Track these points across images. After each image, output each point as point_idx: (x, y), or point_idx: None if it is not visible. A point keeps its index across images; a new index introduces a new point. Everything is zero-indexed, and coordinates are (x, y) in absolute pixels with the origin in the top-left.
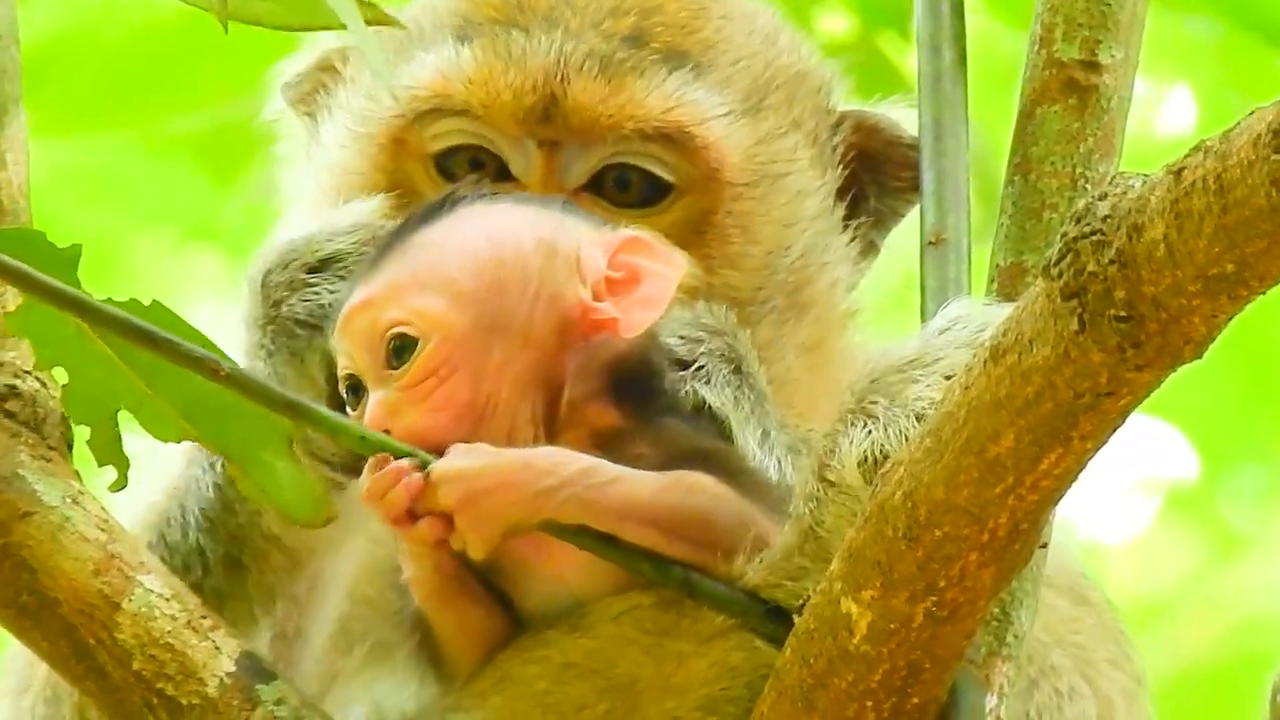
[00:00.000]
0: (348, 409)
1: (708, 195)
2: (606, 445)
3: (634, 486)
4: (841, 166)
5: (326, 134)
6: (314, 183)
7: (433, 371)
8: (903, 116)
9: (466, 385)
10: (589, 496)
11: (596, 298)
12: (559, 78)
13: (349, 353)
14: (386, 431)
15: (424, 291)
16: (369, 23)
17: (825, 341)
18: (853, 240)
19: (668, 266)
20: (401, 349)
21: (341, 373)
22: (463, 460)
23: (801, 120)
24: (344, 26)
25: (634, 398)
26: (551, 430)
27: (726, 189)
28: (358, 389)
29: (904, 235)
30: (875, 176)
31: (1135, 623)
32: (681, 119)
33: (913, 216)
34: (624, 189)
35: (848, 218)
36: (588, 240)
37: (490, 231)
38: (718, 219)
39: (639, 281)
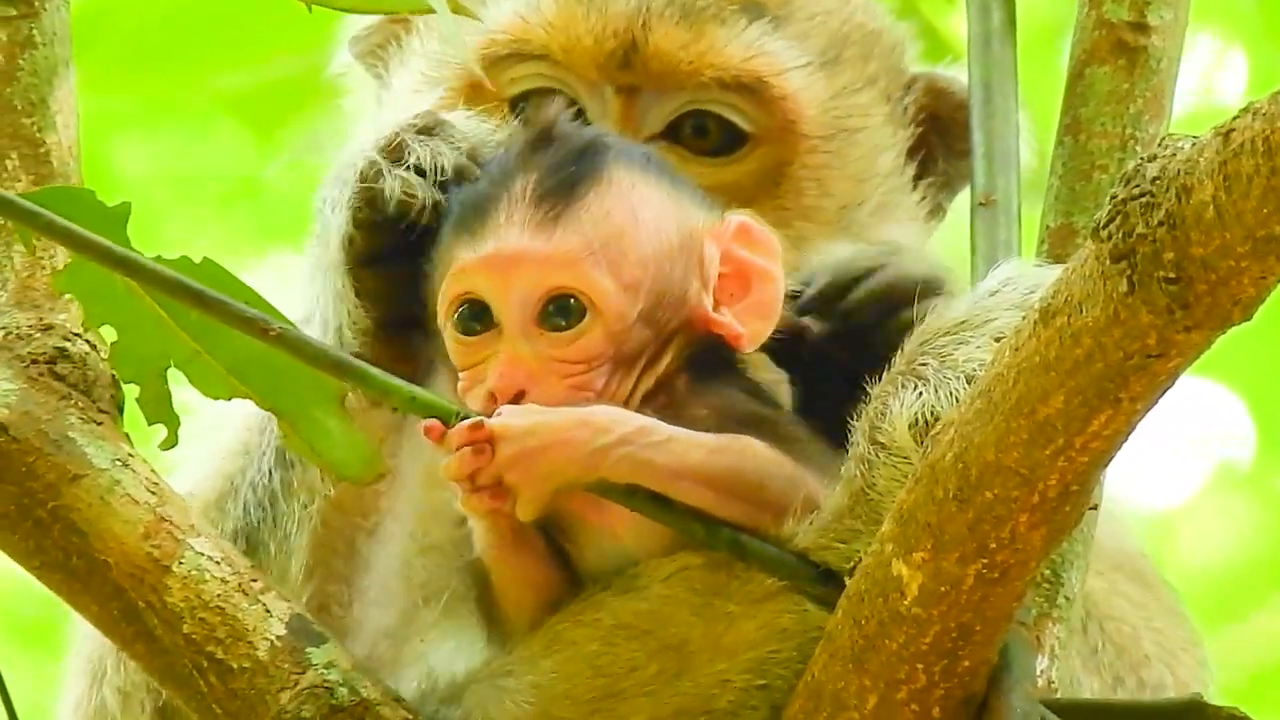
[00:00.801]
0: (452, 331)
1: (784, 146)
2: (669, 405)
3: (688, 446)
4: (913, 126)
5: (399, 82)
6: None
7: (593, 355)
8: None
9: (607, 371)
10: (644, 455)
11: (716, 302)
12: (640, 23)
13: (491, 288)
14: (520, 394)
15: (603, 269)
16: (451, 10)
17: None
18: (922, 200)
19: (772, 260)
20: (562, 313)
21: (456, 296)
22: (517, 419)
23: (876, 77)
24: (427, 9)
25: (700, 362)
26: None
27: (802, 141)
28: (480, 316)
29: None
30: (944, 139)
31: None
32: (760, 69)
33: None
34: (701, 136)
35: (917, 178)
36: (707, 233)
37: (654, 219)
38: (793, 171)
39: (749, 282)
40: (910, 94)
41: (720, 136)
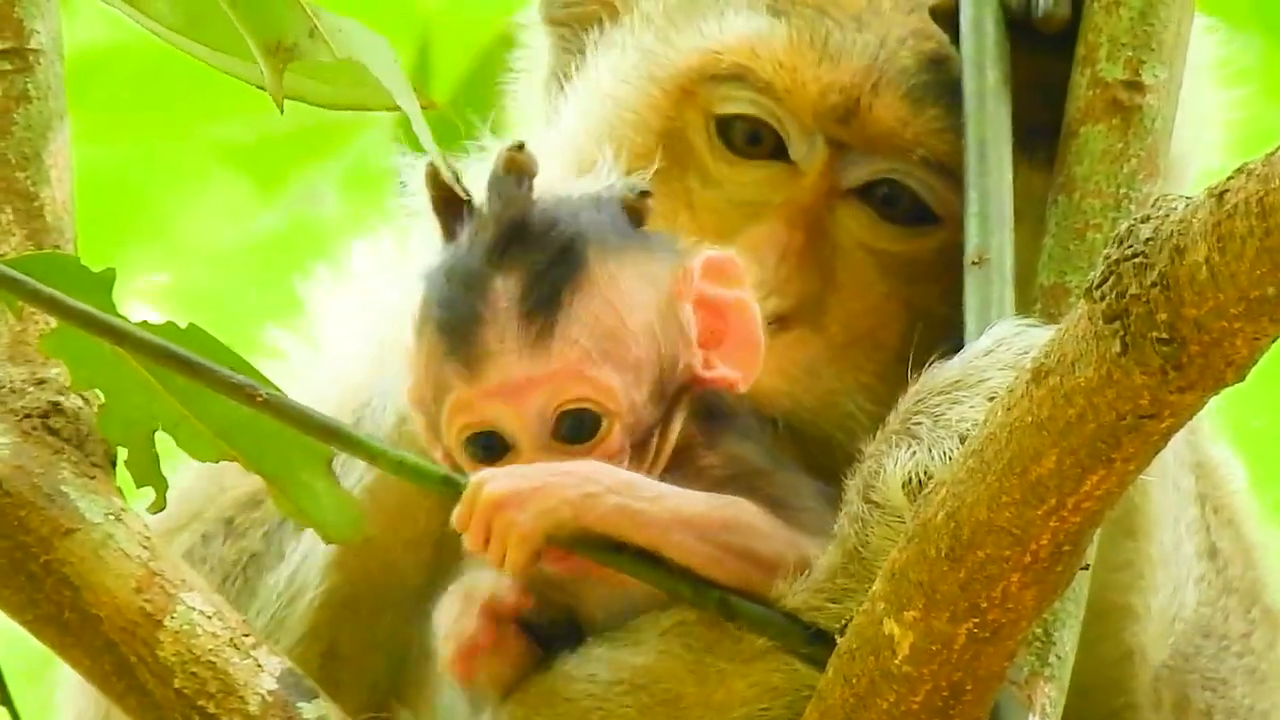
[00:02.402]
0: (466, 459)
1: (961, 233)
2: (687, 459)
3: (680, 500)
4: None
5: (604, 64)
6: (575, 107)
7: (614, 454)
8: None
9: (628, 459)
10: (635, 506)
11: (703, 350)
12: (869, 87)
13: (501, 416)
14: None
15: (608, 371)
16: (423, 107)
17: None
18: None
19: (741, 287)
20: (578, 426)
21: (469, 430)
22: (503, 471)
23: None
24: (396, 107)
25: (707, 413)
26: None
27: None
28: (492, 448)
29: None
30: None
31: None
32: (934, 142)
33: None
34: (891, 205)
35: None
36: (679, 292)
37: (637, 303)
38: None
39: (726, 317)
40: None
41: (910, 209)
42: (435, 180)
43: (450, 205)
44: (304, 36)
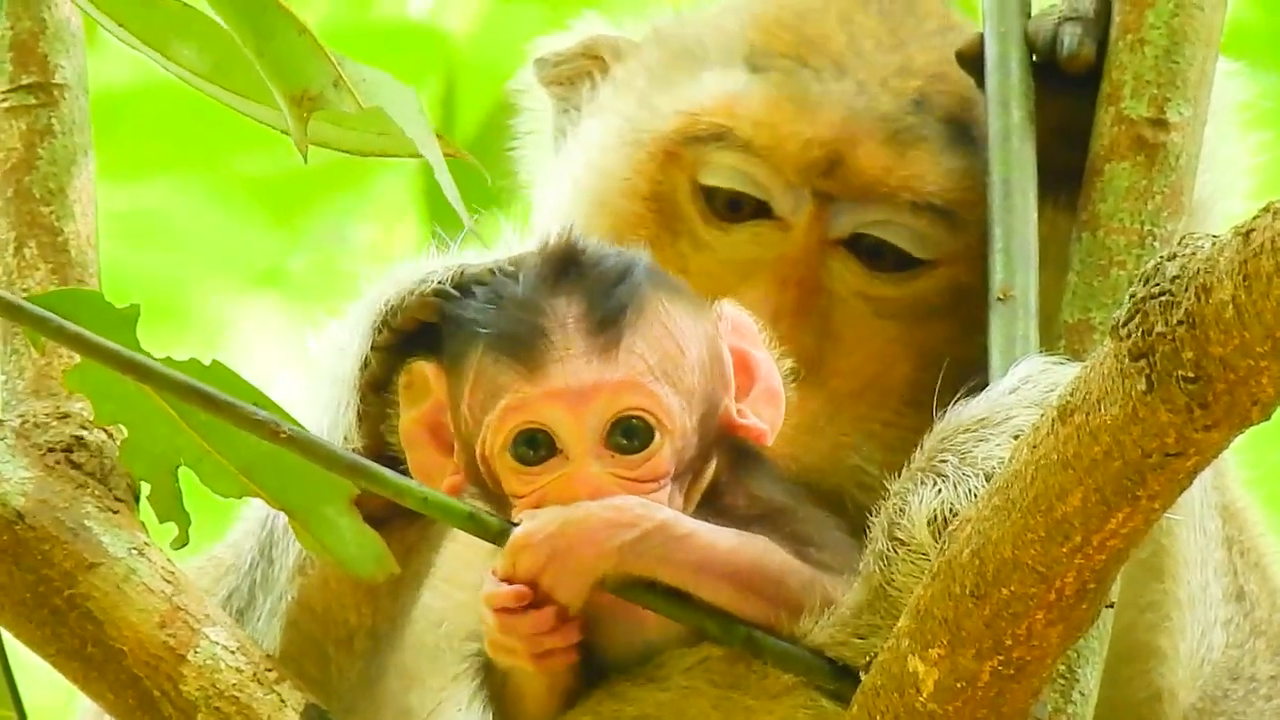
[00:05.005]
0: (508, 459)
1: (966, 267)
2: (714, 499)
3: (711, 540)
4: None
5: (589, 130)
6: (568, 177)
7: (661, 474)
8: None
9: (671, 487)
10: (667, 550)
11: (739, 407)
12: (848, 138)
13: (560, 419)
14: None
15: (667, 389)
16: (445, 155)
17: None
18: None
19: (761, 345)
20: (630, 434)
21: (520, 429)
22: (540, 524)
23: None
24: (419, 154)
25: (734, 454)
26: None
27: (962, 265)
28: (537, 443)
29: None
30: None
31: None
32: (958, 194)
33: None
34: (876, 256)
35: None
36: (722, 334)
37: (690, 335)
38: (973, 290)
39: (752, 372)
40: None
41: (894, 260)
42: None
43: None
44: (328, 86)
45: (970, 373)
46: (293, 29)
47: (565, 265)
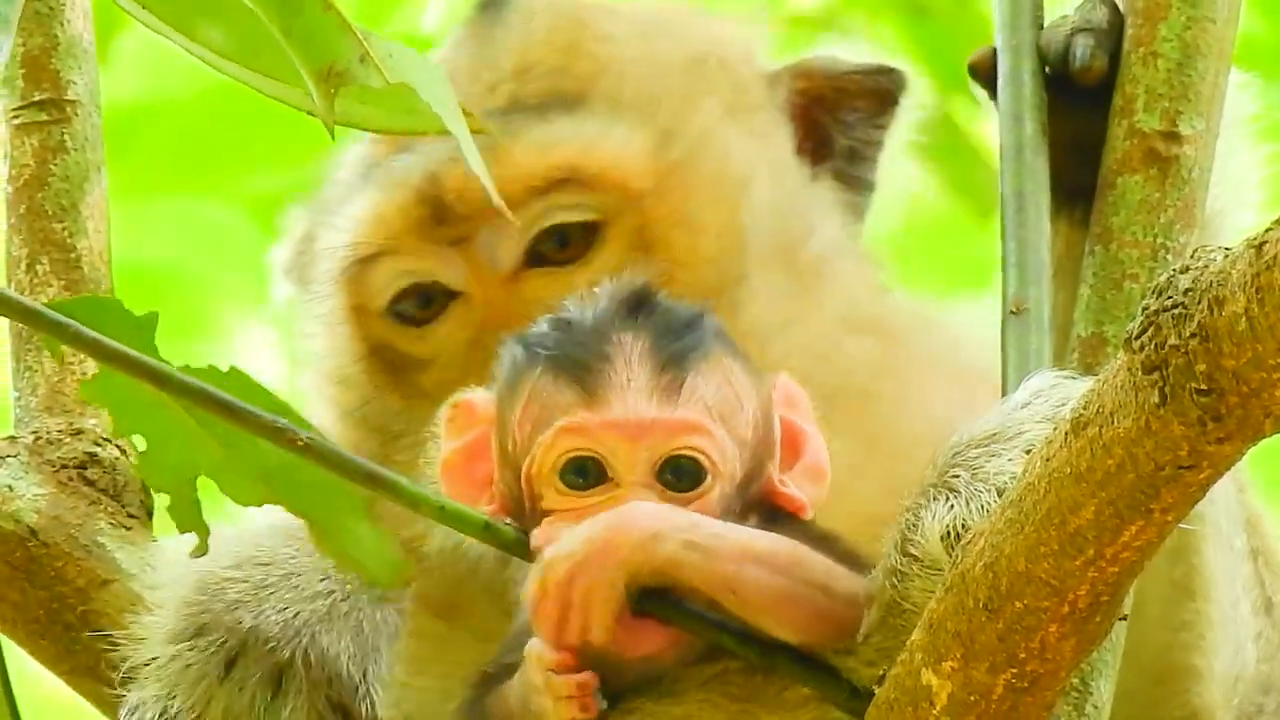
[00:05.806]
0: (556, 481)
1: (632, 213)
2: None
3: (748, 536)
4: (793, 121)
5: (304, 325)
6: (315, 373)
7: (712, 515)
8: (840, 50)
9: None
10: (705, 541)
11: (781, 477)
12: (429, 178)
13: (615, 449)
14: None
15: (725, 436)
16: (471, 131)
17: (855, 293)
18: (836, 186)
19: (809, 419)
20: (680, 474)
21: (572, 454)
22: (575, 533)
23: (714, 99)
24: (446, 130)
25: (771, 523)
26: None
27: (646, 199)
28: (586, 470)
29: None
30: (833, 115)
31: None
32: (564, 160)
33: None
34: (564, 246)
35: (815, 164)
36: (770, 405)
37: (747, 393)
38: (653, 228)
39: (798, 446)
40: (777, 91)
41: (579, 234)
42: None
43: None
44: (355, 62)
45: None
46: (319, 4)
47: (637, 303)
